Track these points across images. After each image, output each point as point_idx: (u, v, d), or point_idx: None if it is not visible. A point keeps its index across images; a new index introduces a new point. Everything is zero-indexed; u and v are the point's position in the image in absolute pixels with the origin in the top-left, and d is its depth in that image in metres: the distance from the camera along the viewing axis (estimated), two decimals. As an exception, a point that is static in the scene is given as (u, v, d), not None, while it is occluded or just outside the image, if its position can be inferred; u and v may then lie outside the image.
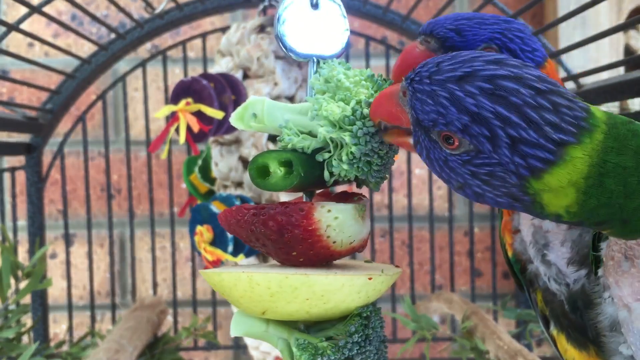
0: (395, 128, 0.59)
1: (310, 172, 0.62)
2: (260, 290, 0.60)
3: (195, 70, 1.61)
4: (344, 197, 0.67)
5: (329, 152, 0.62)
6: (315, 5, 0.67)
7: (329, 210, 0.61)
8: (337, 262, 0.67)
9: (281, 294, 0.60)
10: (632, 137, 0.50)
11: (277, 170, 0.61)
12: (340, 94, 0.62)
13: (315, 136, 0.63)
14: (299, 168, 0.60)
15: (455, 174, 0.54)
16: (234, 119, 0.64)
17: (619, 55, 1.53)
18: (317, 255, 0.62)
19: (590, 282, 0.65)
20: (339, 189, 0.74)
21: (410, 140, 0.57)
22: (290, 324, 0.64)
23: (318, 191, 0.69)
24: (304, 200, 0.67)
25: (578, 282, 0.67)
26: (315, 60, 0.67)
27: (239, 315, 0.65)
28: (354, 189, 0.70)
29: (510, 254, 0.77)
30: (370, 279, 0.61)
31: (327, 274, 0.60)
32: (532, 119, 0.48)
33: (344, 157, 0.61)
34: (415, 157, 1.65)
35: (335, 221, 0.61)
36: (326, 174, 0.63)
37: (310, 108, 0.63)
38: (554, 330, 0.74)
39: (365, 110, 0.61)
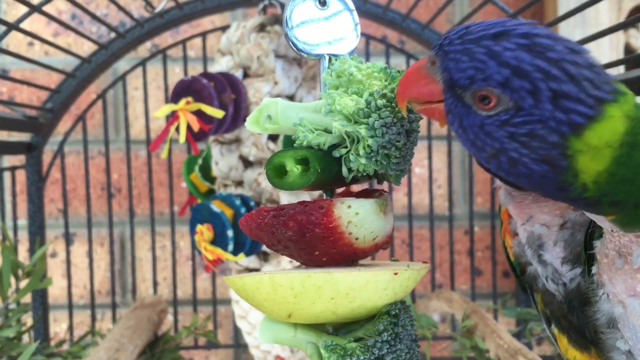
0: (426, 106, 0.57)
1: (328, 168, 0.61)
2: (284, 291, 0.59)
3: (195, 69, 1.61)
4: (365, 194, 0.66)
5: (346, 147, 0.61)
6: (323, 3, 0.67)
7: (349, 206, 0.60)
8: (361, 262, 0.66)
9: (305, 294, 0.59)
10: None
11: (293, 169, 0.60)
12: (353, 87, 0.61)
13: (330, 132, 0.62)
14: (315, 165, 0.59)
15: (492, 139, 0.51)
16: (249, 123, 0.63)
17: (619, 54, 1.53)
18: (340, 253, 0.61)
19: (585, 281, 0.65)
20: (359, 187, 0.73)
21: (442, 106, 0.55)
22: (318, 327, 0.63)
23: (338, 190, 0.68)
24: (325, 198, 0.66)
25: (574, 280, 0.67)
26: (326, 57, 0.66)
27: (267, 321, 0.64)
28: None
29: (512, 257, 0.77)
30: (395, 274, 0.60)
31: (350, 271, 0.59)
32: (571, 73, 0.48)
33: (361, 151, 0.60)
34: (415, 156, 1.65)
35: (356, 217, 0.60)
36: (344, 169, 0.62)
37: (323, 104, 0.62)
38: (555, 329, 0.74)
39: (380, 102, 0.60)
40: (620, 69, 1.44)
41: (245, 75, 1.22)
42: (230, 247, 1.14)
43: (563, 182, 0.51)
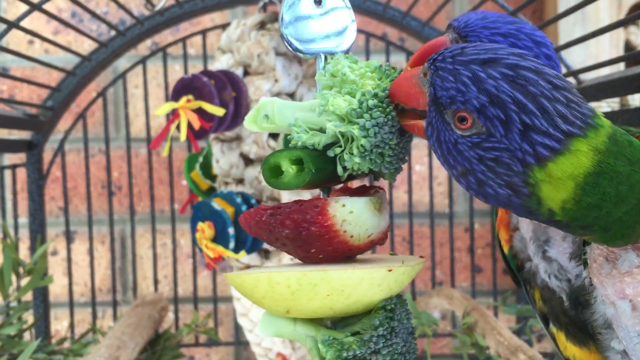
0: (412, 111, 0.60)
1: (323, 168, 0.62)
2: (281, 289, 0.60)
3: (195, 67, 1.61)
4: (362, 191, 0.67)
5: (340, 146, 0.62)
6: (318, 2, 0.67)
7: (344, 205, 0.61)
8: (359, 256, 0.67)
9: (302, 292, 0.60)
10: (628, 146, 0.52)
11: (289, 169, 0.62)
12: (346, 87, 0.62)
13: (325, 132, 0.63)
14: (309, 165, 0.61)
15: (462, 158, 0.55)
16: (247, 122, 0.65)
17: (619, 51, 1.53)
18: (336, 250, 0.62)
19: (589, 282, 0.66)
20: (356, 183, 0.74)
21: (423, 123, 0.58)
22: (317, 322, 0.65)
23: (336, 187, 0.69)
24: (321, 196, 0.67)
25: (580, 277, 0.67)
26: (322, 56, 0.66)
27: (267, 315, 0.66)
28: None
29: (506, 250, 0.77)
30: (389, 270, 0.61)
31: (345, 269, 0.60)
32: (546, 108, 0.50)
33: (355, 151, 0.61)
34: (415, 153, 1.65)
35: (350, 215, 0.61)
36: (339, 168, 0.63)
37: (317, 104, 0.63)
38: (553, 328, 0.74)
39: (371, 102, 0.61)
40: (621, 66, 1.44)
41: (246, 73, 1.22)
42: (232, 244, 1.14)
43: (528, 207, 0.54)
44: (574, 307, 0.68)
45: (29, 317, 1.43)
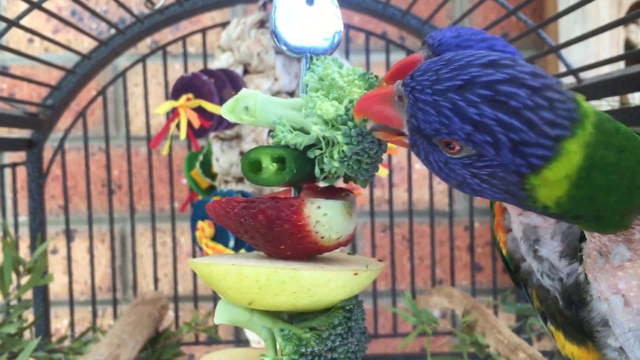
0: (383, 127, 0.60)
1: (301, 168, 0.63)
2: (249, 282, 0.61)
3: (195, 66, 1.61)
4: (332, 192, 0.69)
5: (320, 148, 0.63)
6: (310, 1, 0.67)
7: (319, 207, 0.62)
8: (323, 255, 0.69)
9: (269, 287, 0.61)
10: (615, 134, 0.53)
11: (269, 166, 0.62)
12: (334, 92, 0.63)
13: (307, 133, 0.63)
14: (291, 165, 0.62)
15: (455, 174, 0.55)
16: (224, 111, 0.65)
17: (619, 50, 1.53)
18: (304, 249, 0.63)
19: (584, 275, 0.66)
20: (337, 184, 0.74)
21: (405, 140, 0.58)
22: (274, 314, 0.66)
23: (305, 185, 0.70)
24: (292, 194, 0.68)
25: (572, 275, 0.67)
26: (308, 56, 0.67)
27: (224, 303, 0.67)
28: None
29: (504, 251, 0.77)
30: (356, 274, 0.63)
31: (315, 269, 0.62)
32: (532, 120, 0.50)
33: (335, 155, 0.62)
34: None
35: (324, 217, 0.62)
36: (317, 170, 0.64)
37: (303, 105, 0.64)
38: (551, 326, 0.74)
39: None
40: (621, 65, 1.44)
41: (246, 71, 1.22)
42: (231, 243, 1.14)
43: (524, 205, 0.55)
44: (568, 306, 0.68)
45: (29, 315, 1.43)
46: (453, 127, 0.52)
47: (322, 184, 0.71)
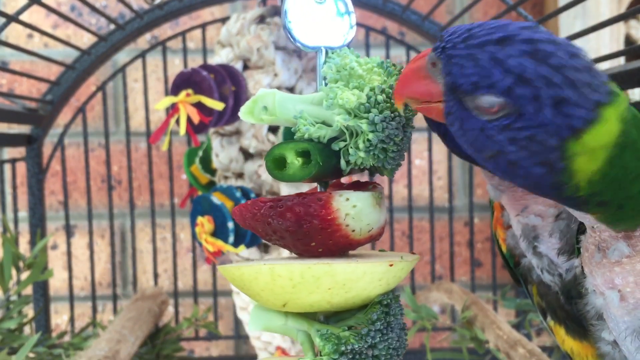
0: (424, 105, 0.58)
1: (326, 161, 0.62)
2: (283, 282, 0.60)
3: (195, 61, 1.60)
4: (359, 186, 0.67)
5: (344, 140, 0.62)
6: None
7: (347, 199, 0.61)
8: (353, 252, 0.67)
9: (304, 285, 0.60)
10: None
11: (294, 161, 0.61)
12: (353, 81, 0.62)
13: (330, 125, 0.62)
14: (317, 157, 0.60)
15: (492, 142, 0.52)
16: (243, 113, 0.64)
17: (620, 45, 1.53)
18: (336, 244, 0.62)
19: (580, 271, 0.66)
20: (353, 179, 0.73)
21: (441, 106, 0.55)
22: (309, 316, 0.65)
23: (330, 182, 0.69)
24: (319, 190, 0.67)
25: (570, 271, 0.68)
26: (323, 50, 0.66)
27: (257, 309, 0.65)
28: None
29: (504, 248, 0.77)
30: (391, 265, 0.61)
31: (349, 263, 0.60)
32: (572, 79, 0.49)
33: (361, 145, 0.61)
34: (415, 147, 1.65)
35: (353, 209, 0.61)
36: (342, 162, 0.63)
37: (323, 97, 0.62)
38: (550, 322, 0.74)
39: (380, 97, 0.60)
40: (621, 60, 1.43)
41: (245, 67, 1.22)
42: (231, 238, 1.14)
43: (558, 182, 0.52)
44: (568, 301, 0.69)
45: (29, 311, 1.43)
46: (493, 79, 0.49)
47: (343, 180, 0.70)
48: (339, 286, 0.60)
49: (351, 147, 0.62)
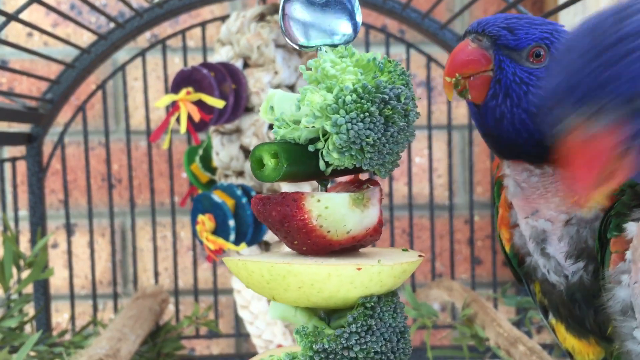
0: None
1: (302, 162, 0.62)
2: (257, 277, 0.61)
3: (195, 60, 1.60)
4: (358, 184, 0.67)
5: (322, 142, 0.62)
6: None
7: (319, 200, 0.61)
8: (363, 250, 0.67)
9: (275, 282, 0.60)
10: None
11: (268, 162, 0.62)
12: (326, 82, 0.61)
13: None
14: (282, 160, 0.61)
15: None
16: (262, 113, 0.66)
17: (620, 43, 1.53)
18: (316, 244, 0.62)
19: (587, 273, 0.66)
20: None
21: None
22: (313, 311, 0.65)
23: (343, 179, 0.69)
24: (319, 189, 0.67)
25: (576, 274, 0.68)
26: (323, 48, 0.66)
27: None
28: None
29: (507, 248, 0.77)
30: (358, 269, 0.60)
31: (309, 263, 0.60)
32: None
33: (331, 146, 0.60)
34: (415, 145, 1.65)
35: (326, 211, 0.61)
36: (321, 163, 0.62)
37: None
38: (552, 320, 0.74)
39: (349, 97, 0.59)
40: (621, 58, 1.43)
41: (246, 65, 1.22)
42: (232, 237, 1.14)
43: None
44: (572, 302, 0.69)
45: (30, 309, 1.43)
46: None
47: (344, 180, 0.70)
48: (307, 286, 0.60)
49: (325, 149, 0.61)
